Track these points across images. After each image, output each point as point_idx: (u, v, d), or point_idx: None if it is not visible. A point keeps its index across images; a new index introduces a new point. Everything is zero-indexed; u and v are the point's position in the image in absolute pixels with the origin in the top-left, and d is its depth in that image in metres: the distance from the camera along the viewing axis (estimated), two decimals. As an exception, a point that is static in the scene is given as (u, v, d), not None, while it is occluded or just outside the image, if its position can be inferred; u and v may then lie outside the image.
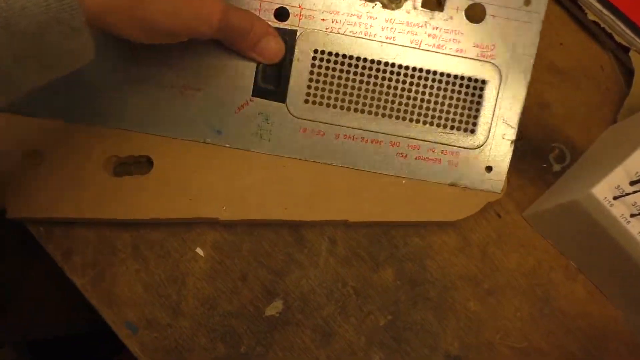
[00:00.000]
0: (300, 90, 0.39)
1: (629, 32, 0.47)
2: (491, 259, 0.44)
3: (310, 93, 0.40)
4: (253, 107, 0.40)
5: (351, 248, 0.43)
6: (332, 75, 0.39)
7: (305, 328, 0.42)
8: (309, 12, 0.39)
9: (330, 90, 0.40)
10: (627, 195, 0.36)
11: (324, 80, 0.39)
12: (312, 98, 0.40)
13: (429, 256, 0.44)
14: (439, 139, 0.41)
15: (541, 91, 0.49)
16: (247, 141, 0.40)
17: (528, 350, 0.43)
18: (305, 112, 0.40)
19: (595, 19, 0.48)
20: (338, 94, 0.40)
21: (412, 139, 0.41)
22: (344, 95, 0.40)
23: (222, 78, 0.39)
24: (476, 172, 0.42)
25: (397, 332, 0.42)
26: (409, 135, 0.41)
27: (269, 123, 0.40)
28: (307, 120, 0.40)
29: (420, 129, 0.41)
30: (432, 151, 0.41)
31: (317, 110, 0.40)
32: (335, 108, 0.40)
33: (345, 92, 0.40)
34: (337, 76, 0.39)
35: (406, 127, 0.40)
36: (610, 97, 0.49)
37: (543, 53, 0.50)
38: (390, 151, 0.41)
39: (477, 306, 0.43)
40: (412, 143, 0.41)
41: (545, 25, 0.50)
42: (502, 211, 0.46)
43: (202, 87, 0.40)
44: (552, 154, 0.47)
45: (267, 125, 0.40)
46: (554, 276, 0.45)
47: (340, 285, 0.43)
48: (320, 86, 0.39)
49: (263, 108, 0.40)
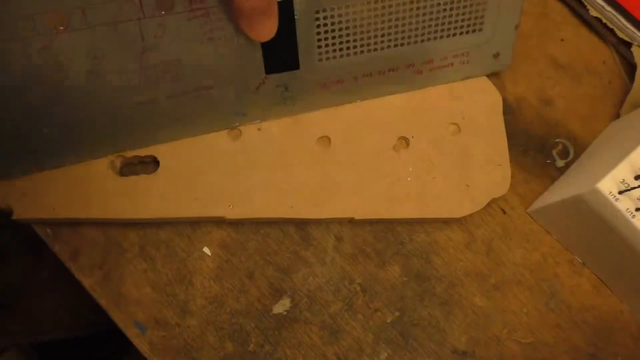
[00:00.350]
0: (311, 53, 0.39)
1: (631, 28, 0.47)
2: (497, 254, 0.45)
3: (322, 52, 0.39)
4: (270, 83, 0.39)
5: (357, 245, 0.44)
6: (338, 29, 0.38)
7: (313, 325, 0.42)
8: None
9: (340, 42, 0.39)
10: (632, 190, 0.36)
11: (332, 35, 0.38)
12: (325, 55, 0.39)
13: (434, 252, 0.44)
14: (450, 47, 0.41)
15: (543, 87, 0.49)
16: (272, 112, 0.41)
17: (535, 344, 0.43)
18: (320, 70, 0.40)
19: (597, 14, 0.48)
20: (348, 42, 0.39)
21: (426, 55, 0.41)
22: (354, 41, 0.39)
23: (232, 69, 0.38)
24: (485, 61, 0.43)
25: (404, 328, 0.42)
26: (422, 54, 0.41)
27: (289, 91, 0.40)
28: (325, 76, 0.40)
29: (430, 44, 0.41)
30: (445, 59, 0.42)
31: (331, 65, 0.40)
32: (348, 56, 0.40)
33: (355, 39, 0.39)
34: (344, 27, 0.38)
35: (417, 48, 0.41)
36: (612, 91, 0.49)
37: (545, 49, 0.50)
38: (407, 73, 0.42)
39: (484, 301, 0.44)
40: (426, 59, 0.42)
41: (547, 20, 0.51)
42: (507, 207, 0.46)
43: (215, 84, 0.39)
44: (556, 149, 0.47)
45: (289, 93, 0.40)
46: (559, 271, 0.45)
47: (347, 282, 0.43)
48: (329, 42, 0.39)
49: (280, 80, 0.39)
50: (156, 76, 0.36)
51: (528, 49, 0.50)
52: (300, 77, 0.39)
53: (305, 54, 0.39)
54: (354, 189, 0.42)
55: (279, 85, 0.39)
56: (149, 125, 0.39)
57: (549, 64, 0.50)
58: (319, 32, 0.38)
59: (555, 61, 0.50)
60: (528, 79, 0.49)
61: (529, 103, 0.48)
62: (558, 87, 0.49)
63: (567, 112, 0.48)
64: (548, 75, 0.49)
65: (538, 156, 0.47)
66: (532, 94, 0.49)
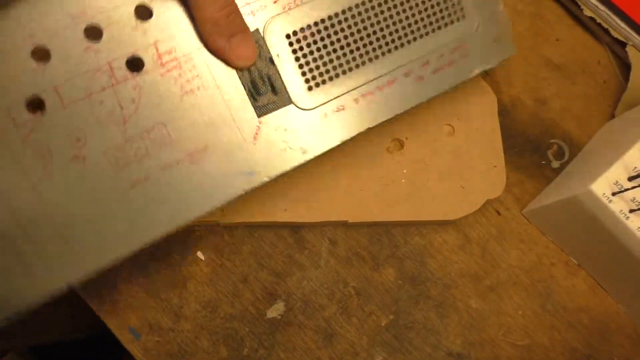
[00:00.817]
0: (297, 81, 0.35)
1: (625, 27, 0.47)
2: (492, 255, 0.44)
3: (308, 78, 0.36)
4: (267, 127, 0.35)
5: (351, 248, 0.43)
6: (316, 49, 0.35)
7: (307, 329, 0.42)
8: (262, 3, 0.34)
9: (323, 63, 0.36)
10: (625, 191, 0.36)
11: (312, 57, 0.35)
12: (312, 81, 0.36)
13: (429, 254, 0.44)
14: (440, 42, 0.39)
15: (538, 87, 0.49)
16: (280, 162, 0.35)
17: (531, 345, 0.43)
18: (314, 98, 0.36)
19: (591, 14, 0.48)
20: (332, 62, 0.36)
21: (419, 58, 0.39)
22: (337, 59, 0.36)
23: (221, 121, 0.34)
24: (488, 49, 0.41)
25: (399, 331, 0.42)
26: (414, 56, 0.39)
27: (290, 132, 0.35)
28: (321, 105, 0.36)
29: (417, 45, 0.39)
30: (442, 57, 0.40)
31: (323, 90, 0.36)
32: (337, 77, 0.36)
33: (338, 56, 0.36)
34: (321, 46, 0.36)
35: (407, 51, 0.39)
36: (607, 91, 0.49)
37: (539, 49, 0.50)
38: (408, 82, 0.39)
39: (479, 303, 0.44)
40: (420, 62, 0.39)
41: (541, 21, 0.51)
42: (502, 208, 0.46)
43: (208, 143, 0.34)
44: (551, 150, 0.47)
45: (290, 134, 0.35)
46: (554, 272, 0.45)
47: (342, 286, 0.43)
48: (311, 66, 0.36)
49: (276, 121, 0.35)
50: (144, 147, 0.33)
51: (522, 49, 0.49)
52: (296, 113, 0.36)
53: (292, 85, 0.35)
54: (347, 192, 0.42)
55: (277, 127, 0.35)
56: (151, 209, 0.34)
57: (543, 64, 0.49)
58: (298, 58, 0.35)
59: (550, 61, 0.49)
60: (523, 80, 0.49)
61: (524, 103, 0.48)
62: (553, 87, 0.49)
63: (562, 112, 0.48)
64: (543, 75, 0.49)
65: (533, 157, 0.47)
66: (527, 94, 0.49)
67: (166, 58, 0.32)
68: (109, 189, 0.32)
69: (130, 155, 0.32)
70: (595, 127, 0.48)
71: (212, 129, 0.33)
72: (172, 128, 0.33)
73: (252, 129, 0.34)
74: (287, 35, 0.34)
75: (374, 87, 0.37)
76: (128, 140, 0.32)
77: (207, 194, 0.33)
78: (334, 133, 0.36)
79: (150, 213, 0.33)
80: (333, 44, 0.35)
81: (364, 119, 0.37)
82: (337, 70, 0.36)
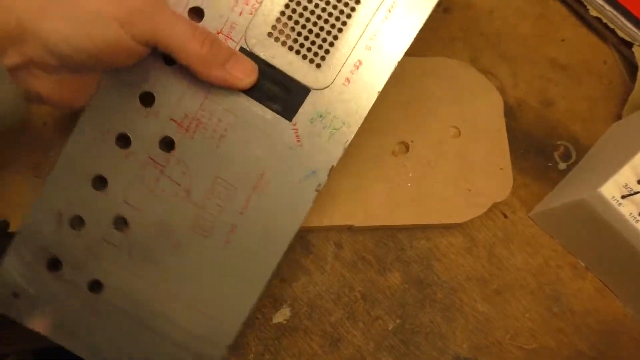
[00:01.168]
0: (302, 66, 0.33)
1: (631, 27, 0.46)
2: (498, 259, 0.44)
3: (311, 58, 0.33)
4: (302, 125, 0.34)
5: (357, 252, 0.43)
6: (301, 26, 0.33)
7: (313, 334, 0.41)
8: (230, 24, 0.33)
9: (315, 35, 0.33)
10: (635, 194, 0.35)
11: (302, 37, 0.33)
12: (317, 58, 0.33)
13: (435, 258, 0.44)
14: None
15: (544, 88, 0.48)
16: (333, 146, 0.34)
17: (538, 349, 0.43)
18: (327, 72, 0.33)
19: (597, 14, 0.47)
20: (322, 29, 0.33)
21: None
22: (326, 22, 0.33)
23: (261, 143, 0.34)
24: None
25: (406, 335, 0.42)
26: None
27: (325, 116, 0.34)
28: (338, 74, 0.34)
29: None
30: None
31: (331, 59, 0.33)
32: (336, 39, 0.33)
33: (325, 19, 0.33)
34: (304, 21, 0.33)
35: None
36: (614, 92, 0.49)
37: (545, 50, 0.49)
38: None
39: (485, 307, 0.43)
40: None
41: (546, 21, 0.50)
42: (508, 211, 0.45)
43: (261, 169, 0.34)
44: (557, 151, 0.47)
45: (327, 117, 0.34)
46: (562, 275, 0.44)
47: (348, 290, 0.42)
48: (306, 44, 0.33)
49: (307, 115, 0.34)
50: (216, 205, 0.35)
51: (528, 50, 0.49)
52: (320, 95, 0.34)
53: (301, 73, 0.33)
54: (352, 196, 0.42)
55: (311, 119, 0.34)
56: (252, 250, 0.35)
57: (549, 65, 0.49)
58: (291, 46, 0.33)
59: (556, 62, 0.49)
60: (528, 81, 0.48)
61: (529, 105, 0.48)
62: (559, 88, 0.48)
63: (568, 113, 0.48)
64: (548, 76, 0.49)
65: (539, 159, 0.47)
66: (532, 95, 0.48)
67: (186, 123, 0.34)
68: (210, 257, 0.35)
69: (209, 218, 0.35)
70: (601, 128, 0.47)
71: (258, 156, 0.34)
72: (226, 175, 0.34)
73: (291, 135, 0.34)
74: (268, 34, 0.33)
75: (376, 24, 0.34)
76: (200, 207, 0.34)
77: (288, 211, 0.35)
78: (367, 90, 0.34)
79: (254, 253, 0.35)
80: (314, 12, 0.33)
81: (388, 57, 0.34)
82: (332, 32, 0.33)
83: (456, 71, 0.45)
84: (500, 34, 0.49)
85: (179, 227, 0.34)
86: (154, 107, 0.33)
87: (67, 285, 0.35)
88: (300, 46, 0.33)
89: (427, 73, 0.45)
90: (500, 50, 0.49)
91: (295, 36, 0.33)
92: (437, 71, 0.45)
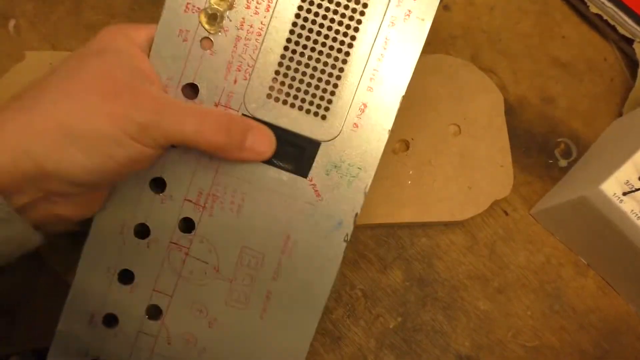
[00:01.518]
0: (309, 121, 0.33)
1: (632, 24, 0.46)
2: (499, 256, 0.44)
3: (316, 111, 0.32)
4: (319, 179, 0.34)
5: (358, 250, 0.43)
6: (299, 80, 0.32)
7: (315, 332, 0.41)
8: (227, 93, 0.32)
9: (315, 86, 0.32)
10: (637, 191, 0.35)
11: (303, 91, 0.32)
12: (321, 110, 0.33)
13: (436, 256, 0.43)
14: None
15: (544, 85, 0.48)
16: (353, 194, 0.34)
17: (540, 347, 0.43)
18: (334, 122, 0.33)
19: (598, 11, 0.47)
20: (320, 80, 0.32)
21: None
22: (322, 73, 0.32)
23: (282, 206, 0.34)
24: None
25: (407, 333, 0.42)
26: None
27: (340, 165, 0.34)
28: (344, 122, 0.33)
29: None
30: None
31: (335, 108, 0.33)
32: (336, 87, 0.32)
33: (322, 69, 0.32)
34: (300, 76, 0.32)
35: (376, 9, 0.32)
36: (614, 89, 0.48)
37: (546, 47, 0.49)
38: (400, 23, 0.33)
39: (487, 305, 0.43)
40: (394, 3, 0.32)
41: (547, 18, 0.50)
42: (509, 208, 0.45)
43: (286, 231, 0.34)
44: (558, 149, 0.47)
45: (342, 167, 0.34)
46: (563, 272, 0.44)
47: (348, 288, 0.42)
48: (308, 98, 0.32)
49: (322, 168, 0.33)
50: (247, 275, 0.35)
51: (529, 48, 0.49)
52: (331, 146, 0.33)
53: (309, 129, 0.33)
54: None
55: (327, 170, 0.33)
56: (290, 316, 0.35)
57: (550, 62, 0.49)
58: (292, 104, 0.32)
59: (557, 59, 0.49)
60: (529, 78, 0.48)
61: (530, 102, 0.48)
62: (559, 85, 0.48)
63: (569, 110, 0.48)
64: (549, 73, 0.49)
65: (540, 156, 0.46)
66: (533, 93, 0.48)
67: (202, 200, 0.33)
68: (250, 330, 0.35)
69: (242, 290, 0.34)
70: (602, 126, 0.47)
71: (280, 218, 0.34)
72: (252, 244, 0.34)
73: (310, 191, 0.34)
74: (267, 96, 0.32)
75: (374, 64, 0.33)
76: (232, 280, 0.34)
77: (320, 267, 0.34)
78: (377, 131, 0.33)
79: (292, 317, 0.35)
80: (308, 65, 0.32)
81: (392, 94, 0.33)
82: (331, 81, 0.33)
83: (456, 69, 0.45)
84: (500, 32, 0.49)
85: (214, 304, 0.34)
86: (166, 191, 0.33)
87: None
88: (302, 101, 0.32)
89: (427, 71, 0.45)
90: (501, 47, 0.49)
91: (294, 92, 0.32)
92: (437, 69, 0.45)
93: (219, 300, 0.34)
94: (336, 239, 0.34)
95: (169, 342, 0.35)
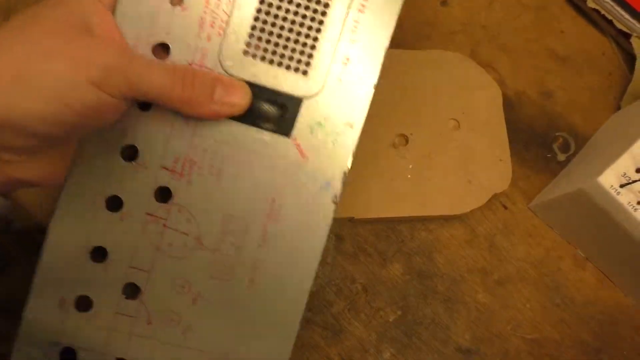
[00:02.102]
0: (288, 77, 0.31)
1: (629, 18, 0.47)
2: (499, 250, 0.44)
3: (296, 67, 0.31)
4: (303, 138, 0.32)
5: (358, 244, 0.43)
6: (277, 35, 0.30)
7: (316, 326, 0.42)
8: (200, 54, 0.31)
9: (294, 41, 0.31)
10: (634, 183, 0.36)
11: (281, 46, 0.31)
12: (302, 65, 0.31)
13: (436, 249, 0.44)
14: None
15: (543, 80, 0.48)
16: (341, 152, 0.32)
17: (540, 339, 0.43)
18: (315, 77, 0.31)
19: (595, 6, 0.48)
20: (299, 34, 0.31)
21: None
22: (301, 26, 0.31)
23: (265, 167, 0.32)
24: None
25: (408, 326, 0.42)
26: None
27: (325, 122, 0.32)
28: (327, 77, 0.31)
29: None
30: None
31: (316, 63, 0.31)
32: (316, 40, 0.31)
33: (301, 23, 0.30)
34: (278, 30, 0.30)
35: None
36: (612, 83, 0.49)
37: (544, 41, 0.50)
38: None
39: (487, 298, 0.43)
40: None
41: (545, 13, 0.50)
42: (508, 202, 0.45)
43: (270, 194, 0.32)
44: (557, 143, 0.47)
45: (326, 124, 0.32)
46: (562, 265, 0.44)
47: (349, 282, 0.43)
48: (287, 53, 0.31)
49: (305, 126, 0.32)
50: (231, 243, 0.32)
51: (527, 42, 0.49)
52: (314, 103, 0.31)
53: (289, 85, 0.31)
54: (353, 188, 0.42)
55: (309, 126, 0.32)
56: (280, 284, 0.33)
57: (548, 56, 0.49)
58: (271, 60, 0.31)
59: (555, 54, 0.49)
60: (527, 72, 0.49)
61: (529, 97, 0.48)
62: (558, 79, 0.49)
63: (568, 105, 0.48)
64: (548, 68, 0.49)
65: (539, 150, 0.47)
66: (532, 87, 0.48)
67: (178, 167, 0.31)
68: (238, 303, 0.32)
69: (227, 260, 0.32)
70: (600, 119, 0.48)
71: (264, 181, 0.32)
72: (235, 211, 0.32)
73: (294, 151, 0.32)
74: (244, 52, 0.30)
75: (355, 14, 0.31)
76: (215, 251, 0.32)
77: (310, 230, 0.32)
78: (362, 84, 0.32)
79: (283, 284, 0.32)
80: (286, 18, 0.30)
81: (376, 45, 0.31)
82: (311, 34, 0.31)
83: (455, 64, 0.46)
84: (499, 27, 0.50)
85: (196, 278, 0.32)
86: (139, 159, 0.31)
87: None
88: (281, 57, 0.31)
89: (426, 66, 0.45)
90: (500, 42, 0.49)
91: (273, 48, 0.31)
92: (437, 64, 0.45)
93: (202, 273, 0.32)
94: (324, 200, 0.32)
95: (149, 322, 0.32)
